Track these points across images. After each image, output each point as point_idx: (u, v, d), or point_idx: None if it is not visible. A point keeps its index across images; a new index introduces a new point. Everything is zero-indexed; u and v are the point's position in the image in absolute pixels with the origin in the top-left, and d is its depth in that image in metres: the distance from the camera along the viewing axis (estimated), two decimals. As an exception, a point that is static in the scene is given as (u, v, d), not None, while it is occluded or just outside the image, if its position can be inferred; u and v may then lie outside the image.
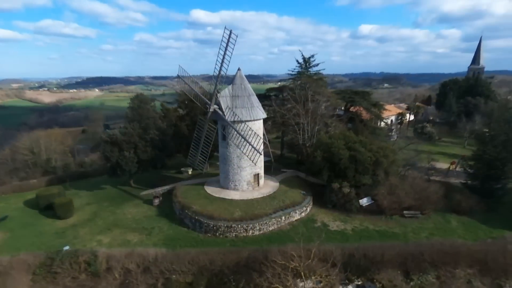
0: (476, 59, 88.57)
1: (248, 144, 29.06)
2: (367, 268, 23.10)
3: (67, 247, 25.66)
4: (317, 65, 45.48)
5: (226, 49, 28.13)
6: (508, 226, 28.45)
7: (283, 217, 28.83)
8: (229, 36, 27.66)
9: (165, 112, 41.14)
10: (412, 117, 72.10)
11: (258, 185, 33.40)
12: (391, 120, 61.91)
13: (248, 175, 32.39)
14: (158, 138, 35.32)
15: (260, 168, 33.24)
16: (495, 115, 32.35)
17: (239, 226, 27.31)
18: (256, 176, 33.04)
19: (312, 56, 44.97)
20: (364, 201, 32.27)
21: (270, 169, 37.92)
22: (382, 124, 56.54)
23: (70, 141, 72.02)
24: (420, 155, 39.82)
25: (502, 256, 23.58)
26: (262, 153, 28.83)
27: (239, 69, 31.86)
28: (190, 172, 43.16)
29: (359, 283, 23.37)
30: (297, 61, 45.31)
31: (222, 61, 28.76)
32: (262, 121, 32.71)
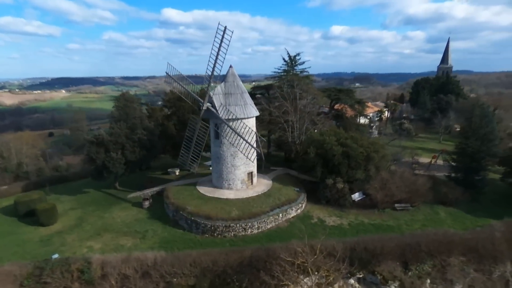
0: (444, 59, 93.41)
1: (244, 141, 28.71)
2: (368, 261, 23.50)
3: (56, 255, 24.07)
4: (303, 63, 45.96)
5: (220, 46, 27.61)
6: (490, 215, 30.05)
7: (280, 215, 28.77)
8: (224, 33, 27.18)
9: (150, 112, 39.79)
10: (389, 115, 74.75)
11: (252, 184, 33.13)
12: (370, 118, 63.75)
13: (242, 173, 32.03)
14: (146, 138, 34.06)
15: (253, 167, 32.99)
16: (475, 112, 34.05)
17: (238, 225, 26.92)
18: (250, 175, 32.75)
19: (298, 54, 45.44)
20: (356, 196, 32.88)
21: (260, 168, 37.74)
22: (363, 121, 58.18)
23: (41, 144, 67.95)
24: (405, 150, 41.24)
25: (490, 243, 24.85)
26: (260, 150, 28.56)
27: (231, 66, 31.45)
28: (177, 173, 42.07)
29: (361, 276, 23.75)
30: (283, 59, 45.57)
31: (216, 59, 28.21)
32: (255, 118, 32.48)
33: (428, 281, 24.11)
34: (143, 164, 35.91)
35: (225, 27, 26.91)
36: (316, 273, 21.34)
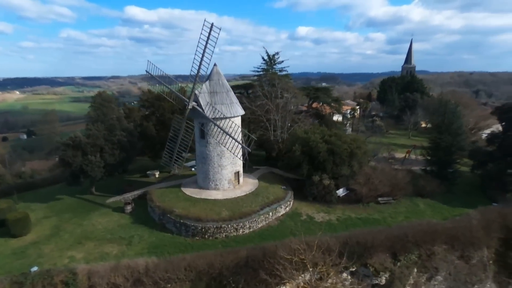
0: (408, 59, 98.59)
1: (233, 140, 28.30)
2: (361, 254, 24.08)
3: (35, 268, 22.23)
4: (282, 62, 46.27)
5: (206, 44, 26.94)
6: (464, 204, 32.12)
7: (270, 213, 28.70)
8: (210, 30, 26.56)
9: (127, 112, 38.04)
10: (360, 113, 77.37)
11: (239, 183, 32.78)
12: (346, 115, 65.72)
13: (229, 173, 31.58)
14: (126, 139, 32.48)
15: (240, 166, 32.66)
16: (447, 108, 36.14)
17: (229, 226, 26.48)
18: (237, 174, 32.38)
19: (277, 53, 45.76)
20: (340, 192, 33.63)
21: (244, 167, 37.43)
22: (336, 118, 59.79)
23: (0, 150, 62.68)
24: (382, 146, 42.89)
25: (468, 231, 26.52)
26: (250, 149, 28.29)
27: (215, 65, 30.85)
28: (157, 175, 40.60)
29: (354, 269, 24.29)
30: (262, 58, 45.62)
31: (202, 58, 27.50)
32: (240, 117, 32.14)
33: (415, 270, 25.25)
34: (122, 167, 34.20)
35: (212, 24, 26.32)
36: (312, 269, 21.55)
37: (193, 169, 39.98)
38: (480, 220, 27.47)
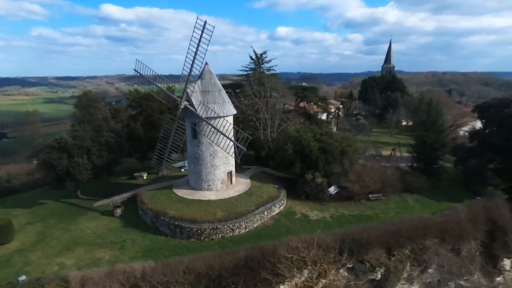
0: (388, 59, 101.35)
1: (227, 139, 27.98)
2: (357, 250, 24.43)
3: (23, 277, 21.06)
4: (269, 61, 46.29)
5: (199, 42, 26.46)
6: (449, 199, 33.30)
7: (265, 213, 28.61)
8: (203, 28, 26.10)
9: (113, 112, 36.82)
10: (344, 111, 78.74)
11: (231, 183, 32.47)
12: (332, 114, 66.44)
13: (222, 173, 31.23)
14: (114, 140, 31.41)
15: (233, 166, 32.38)
16: (432, 106, 37.32)
17: (225, 226, 26.16)
18: (230, 174, 32.08)
19: (265, 52, 45.72)
20: (332, 190, 34.01)
21: (236, 167, 37.15)
22: (321, 116, 60.43)
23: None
24: (369, 144, 43.75)
25: (457, 224, 27.51)
26: (245, 148, 28.01)
27: (206, 64, 30.35)
28: (145, 177, 39.57)
29: (350, 265, 24.61)
30: (250, 57, 45.46)
31: (194, 57, 27.00)
32: (232, 117, 31.83)
33: (408, 264, 25.91)
34: (110, 169, 33.07)
35: (205, 22, 25.88)
36: (312, 266, 21.63)
37: (182, 170, 39.28)
38: (467, 214, 28.58)
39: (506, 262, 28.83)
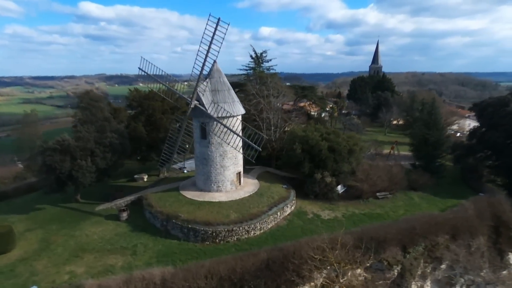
0: (375, 59, 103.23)
1: (239, 139, 27.45)
2: (375, 249, 24.48)
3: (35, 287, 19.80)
4: (269, 60, 45.96)
5: (211, 41, 25.70)
6: (453, 195, 34.03)
7: (278, 213, 28.24)
8: (216, 25, 25.38)
9: (113, 113, 35.38)
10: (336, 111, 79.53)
11: (240, 184, 31.91)
12: (329, 113, 66.94)
13: (232, 174, 30.62)
14: (118, 141, 30.17)
15: (241, 166, 31.83)
16: (435, 105, 38.12)
17: (240, 228, 25.60)
18: (238, 175, 31.52)
19: (265, 51, 45.36)
20: (339, 188, 34.01)
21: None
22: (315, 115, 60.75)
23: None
24: (370, 143, 44.21)
25: (465, 220, 28.11)
26: (260, 148, 27.49)
27: (215, 62, 29.60)
28: (145, 179, 38.41)
29: (368, 264, 24.63)
30: (250, 56, 45.02)
31: (206, 56, 26.26)
32: (241, 116, 31.25)
33: (422, 260, 26.23)
34: (112, 171, 31.79)
35: (219, 19, 25.15)
36: (336, 265, 21.41)
37: (185, 171, 38.33)
38: (474, 210, 29.27)
39: (511, 256, 29.71)
